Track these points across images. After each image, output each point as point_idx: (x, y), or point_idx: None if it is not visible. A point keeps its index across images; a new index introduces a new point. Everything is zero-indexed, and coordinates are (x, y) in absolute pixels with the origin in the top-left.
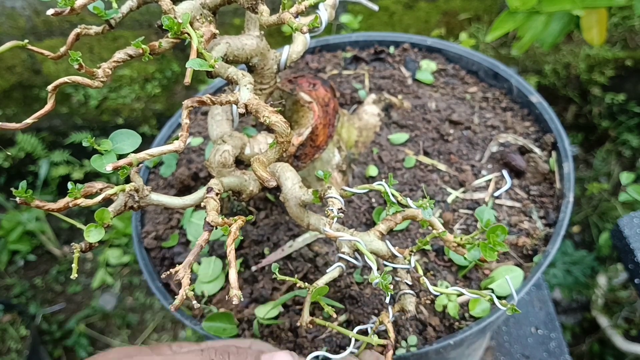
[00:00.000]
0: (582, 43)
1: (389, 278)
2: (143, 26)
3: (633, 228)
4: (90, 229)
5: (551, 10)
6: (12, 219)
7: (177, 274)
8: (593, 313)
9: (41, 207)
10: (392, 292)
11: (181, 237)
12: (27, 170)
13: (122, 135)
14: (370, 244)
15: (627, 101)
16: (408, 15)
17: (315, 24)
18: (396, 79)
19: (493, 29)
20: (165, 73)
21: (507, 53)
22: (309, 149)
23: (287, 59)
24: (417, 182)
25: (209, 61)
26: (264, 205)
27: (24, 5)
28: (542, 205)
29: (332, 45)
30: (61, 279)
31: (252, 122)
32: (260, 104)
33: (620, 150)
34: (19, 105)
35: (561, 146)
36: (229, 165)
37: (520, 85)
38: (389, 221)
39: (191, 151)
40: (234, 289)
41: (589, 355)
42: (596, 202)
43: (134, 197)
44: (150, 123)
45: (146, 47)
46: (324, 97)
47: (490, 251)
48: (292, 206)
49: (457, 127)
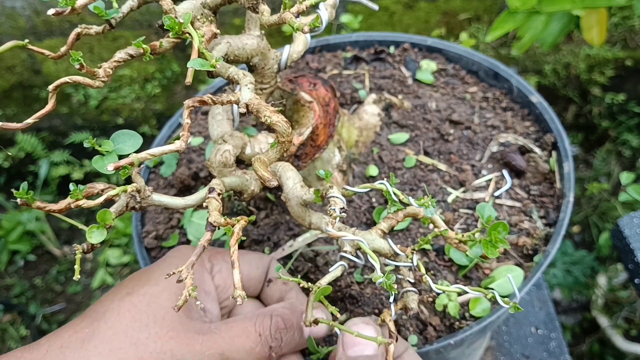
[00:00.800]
0: (582, 43)
1: (393, 277)
2: (143, 26)
3: (633, 228)
4: (92, 230)
5: (551, 10)
6: (12, 219)
7: (180, 275)
8: (593, 313)
9: (42, 208)
10: (396, 291)
11: (181, 236)
12: (27, 170)
13: (123, 136)
14: (372, 242)
15: (627, 101)
16: (408, 15)
17: (316, 23)
18: (396, 79)
19: (493, 29)
20: (165, 73)
21: (507, 53)
22: (309, 149)
23: (288, 58)
24: (417, 181)
25: (210, 61)
26: (265, 204)
27: (24, 5)
28: (543, 205)
29: (332, 45)
30: (61, 279)
31: (252, 122)
32: (261, 104)
33: (620, 150)
34: (19, 105)
35: (561, 146)
36: (230, 165)
37: (520, 85)
38: (391, 219)
39: (191, 151)
40: (237, 289)
41: (589, 355)
42: (596, 202)
43: (136, 198)
44: (150, 123)
45: (147, 47)
46: (324, 96)
47: (491, 248)
48: (293, 205)
49: (458, 127)
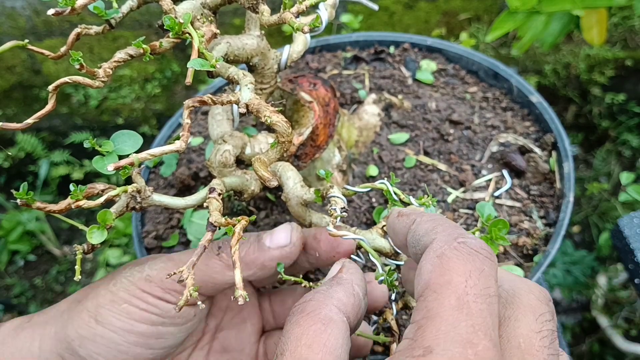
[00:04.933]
0: (582, 43)
1: (395, 275)
2: (143, 26)
3: (633, 228)
4: (92, 230)
5: (551, 10)
6: (12, 219)
7: (180, 274)
8: (593, 313)
9: (42, 209)
10: (398, 289)
11: (181, 236)
12: (27, 170)
13: (123, 136)
14: (373, 241)
15: (627, 101)
16: (408, 15)
17: (316, 23)
18: (396, 79)
19: (493, 29)
20: (165, 73)
21: (507, 53)
22: (309, 149)
23: (288, 58)
24: (417, 181)
25: (210, 61)
26: (265, 204)
27: (24, 5)
28: (542, 205)
29: (332, 45)
30: (61, 279)
31: (252, 122)
32: (261, 104)
33: (620, 150)
34: (19, 105)
35: (561, 146)
36: (230, 165)
37: (520, 85)
38: None
39: (191, 151)
40: (239, 289)
41: (589, 355)
42: (596, 202)
43: (136, 198)
44: (150, 123)
45: (147, 47)
46: (324, 96)
47: (492, 245)
48: (293, 205)
49: (457, 127)
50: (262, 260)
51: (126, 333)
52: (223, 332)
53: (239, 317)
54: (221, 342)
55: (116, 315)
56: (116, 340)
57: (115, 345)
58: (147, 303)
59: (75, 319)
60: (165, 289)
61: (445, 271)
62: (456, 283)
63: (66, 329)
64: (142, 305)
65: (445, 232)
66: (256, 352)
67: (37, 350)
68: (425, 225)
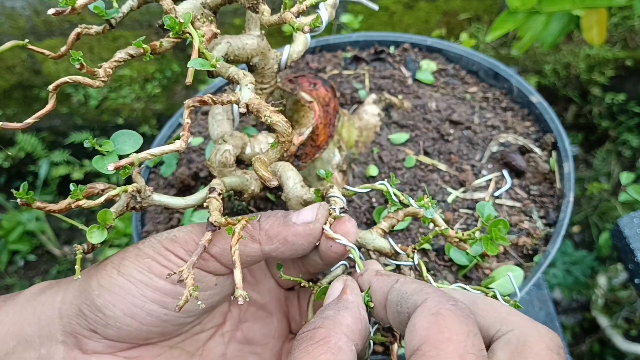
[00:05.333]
0: (582, 43)
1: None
2: (143, 26)
3: (633, 228)
4: (92, 230)
5: (551, 10)
6: (12, 219)
7: (181, 274)
8: (593, 313)
9: (42, 209)
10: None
11: None
12: (27, 170)
13: (123, 136)
14: (373, 241)
15: (627, 101)
16: (408, 15)
17: (316, 23)
18: (396, 79)
19: (493, 29)
20: (165, 73)
21: (507, 53)
22: (309, 149)
23: (288, 58)
24: (417, 182)
25: (210, 61)
26: (265, 204)
27: (24, 5)
28: (543, 205)
29: (332, 45)
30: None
31: (252, 122)
32: (261, 104)
33: (620, 150)
34: (19, 105)
35: (561, 146)
36: (230, 165)
37: (520, 85)
38: (391, 218)
39: (191, 151)
40: (239, 289)
41: (589, 355)
42: (596, 202)
43: (136, 198)
44: (150, 123)
45: (147, 47)
46: (324, 96)
47: (492, 245)
48: (293, 205)
49: (458, 127)
50: (285, 235)
51: (144, 286)
52: (247, 324)
53: (265, 312)
54: (245, 334)
55: (137, 268)
56: (133, 291)
57: (132, 297)
58: (168, 260)
59: (100, 271)
60: (187, 251)
61: (443, 328)
62: (457, 341)
63: (89, 280)
64: (163, 262)
65: (436, 294)
66: (280, 350)
67: (58, 303)
68: (413, 285)
